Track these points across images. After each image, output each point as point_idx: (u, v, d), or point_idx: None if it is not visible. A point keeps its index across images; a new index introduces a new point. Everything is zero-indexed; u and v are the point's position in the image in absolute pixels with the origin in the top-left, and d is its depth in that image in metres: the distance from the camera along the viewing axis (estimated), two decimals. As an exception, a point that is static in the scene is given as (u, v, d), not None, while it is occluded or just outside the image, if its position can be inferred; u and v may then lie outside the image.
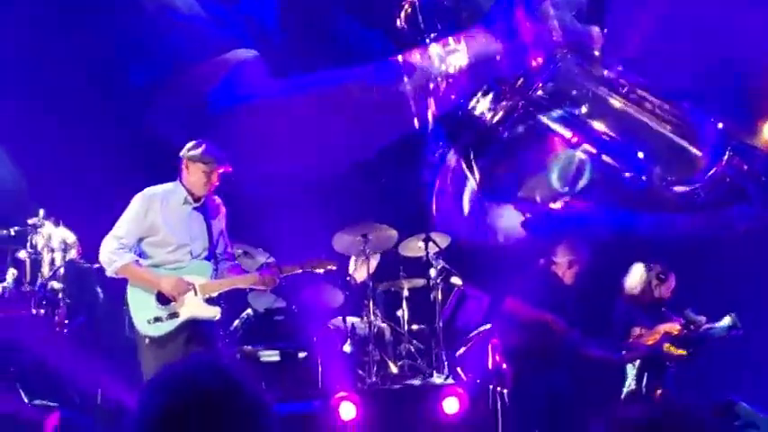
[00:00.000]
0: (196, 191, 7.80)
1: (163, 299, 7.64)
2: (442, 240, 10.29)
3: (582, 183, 11.81)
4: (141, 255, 7.75)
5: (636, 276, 9.48)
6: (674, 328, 9.20)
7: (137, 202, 7.77)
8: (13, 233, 10.31)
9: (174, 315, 7.62)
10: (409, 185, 12.38)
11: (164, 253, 7.74)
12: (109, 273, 7.76)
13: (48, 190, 11.17)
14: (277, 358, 9.59)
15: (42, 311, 10.05)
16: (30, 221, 10.29)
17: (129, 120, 12.27)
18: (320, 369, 9.62)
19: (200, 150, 7.80)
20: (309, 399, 9.06)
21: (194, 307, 7.66)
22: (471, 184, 12.15)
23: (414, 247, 10.35)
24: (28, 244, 10.19)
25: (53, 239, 10.27)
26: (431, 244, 10.14)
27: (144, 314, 7.64)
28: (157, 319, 7.61)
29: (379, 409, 8.80)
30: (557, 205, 11.60)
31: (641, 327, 9.22)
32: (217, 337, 8.20)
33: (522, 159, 12.10)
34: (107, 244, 7.71)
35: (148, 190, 7.84)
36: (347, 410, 8.59)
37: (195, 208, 7.86)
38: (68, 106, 11.67)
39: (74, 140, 11.26)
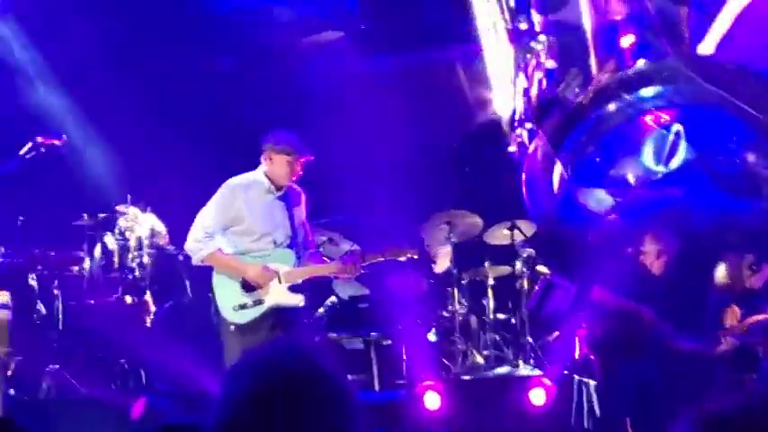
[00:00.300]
0: (279, 180, 7.85)
1: (248, 286, 7.71)
2: (528, 228, 10.20)
3: (676, 161, 11.60)
4: (227, 243, 7.81)
5: (728, 267, 9.32)
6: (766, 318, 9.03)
7: (222, 192, 7.84)
8: (101, 219, 10.42)
9: (259, 302, 7.68)
10: (494, 172, 12.29)
11: (248, 241, 7.80)
12: (195, 261, 7.87)
13: (136, 177, 11.29)
14: (361, 346, 9.58)
15: (129, 298, 10.16)
16: (118, 208, 10.40)
17: (216, 107, 12.36)
18: (404, 358, 9.61)
19: (283, 140, 7.85)
20: (394, 387, 9.04)
21: (279, 294, 7.71)
22: (559, 166, 12.01)
23: (499, 235, 10.28)
24: (116, 230, 10.30)
25: (141, 226, 10.37)
26: (516, 232, 10.05)
27: (230, 301, 7.73)
28: (243, 306, 7.69)
29: (464, 399, 8.75)
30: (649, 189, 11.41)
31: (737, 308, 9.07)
32: (301, 324, 8.21)
33: (612, 140, 11.94)
34: (193, 233, 7.81)
35: (232, 180, 7.90)
36: (432, 400, 8.55)
37: (278, 197, 7.90)
38: (155, 95, 11.78)
39: (162, 128, 11.36)
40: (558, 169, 11.94)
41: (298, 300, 7.83)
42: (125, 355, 9.92)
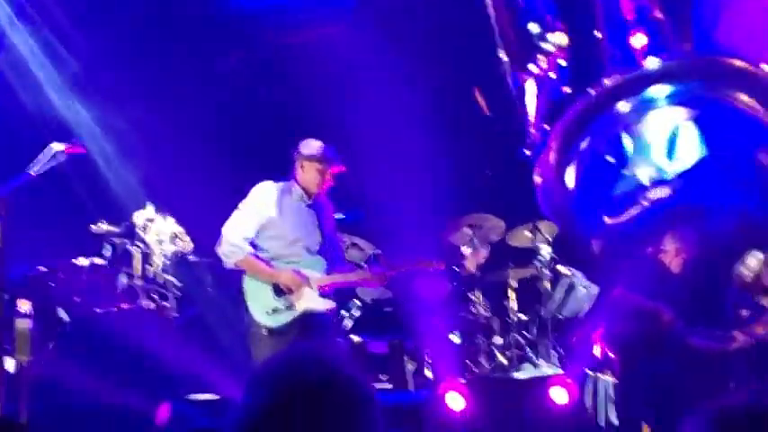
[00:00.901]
0: (310, 188, 7.95)
1: (279, 291, 7.80)
2: (550, 230, 10.18)
3: (688, 160, 11.59)
4: (257, 248, 7.89)
5: (748, 264, 9.28)
6: None
7: (254, 195, 7.94)
8: (123, 227, 10.46)
9: (290, 307, 7.77)
10: (515, 175, 12.26)
11: (279, 246, 7.88)
12: (228, 264, 7.95)
13: (156, 183, 11.32)
14: (385, 349, 9.59)
15: (153, 304, 10.19)
16: (138, 214, 10.43)
17: (231, 110, 12.39)
18: (428, 360, 9.62)
19: (315, 149, 7.95)
20: (417, 389, 9.05)
21: (310, 299, 7.80)
22: (573, 167, 12.01)
23: (521, 237, 10.28)
24: (137, 236, 10.33)
25: (162, 233, 10.40)
26: (539, 234, 10.05)
27: (261, 305, 7.82)
28: (275, 311, 7.78)
29: (487, 399, 8.75)
30: (665, 191, 11.39)
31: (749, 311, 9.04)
32: (330, 329, 8.32)
33: (624, 140, 11.94)
34: (226, 236, 7.88)
35: (265, 185, 8.00)
36: (455, 400, 8.56)
37: (309, 205, 8.00)
38: (170, 101, 11.81)
39: (181, 134, 11.39)
40: (571, 171, 11.94)
41: (328, 305, 7.95)
42: (149, 361, 9.95)
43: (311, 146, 7.99)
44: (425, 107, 11.55)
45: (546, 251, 10.07)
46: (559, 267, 10.22)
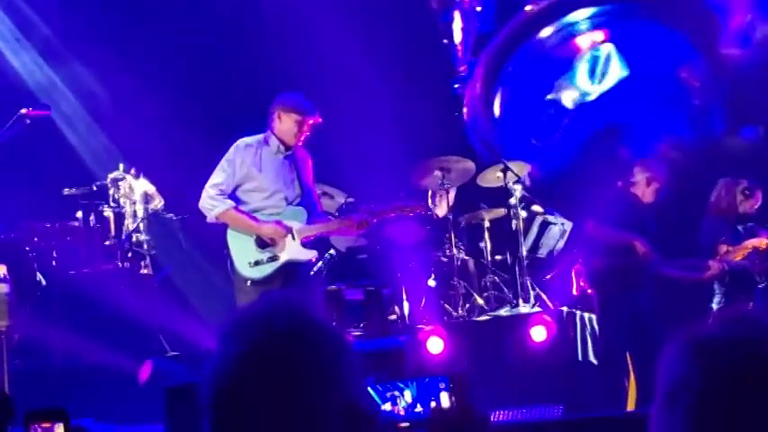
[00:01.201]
0: (287, 140, 7.99)
1: (262, 243, 7.88)
2: (520, 169, 10.19)
3: (609, 81, 11.77)
4: (238, 202, 7.95)
5: (721, 191, 9.33)
6: (761, 242, 9.06)
7: (232, 150, 8.00)
8: (95, 188, 10.43)
9: (273, 258, 7.86)
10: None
11: (260, 199, 7.97)
12: (210, 218, 7.99)
13: (127, 144, 11.28)
14: (361, 296, 9.61)
15: (128, 264, 10.19)
16: (110, 175, 10.40)
17: (204, 69, 12.32)
18: (405, 305, 9.65)
19: (293, 101, 8.02)
20: (396, 334, 9.09)
21: (293, 250, 7.88)
22: (499, 96, 12.18)
23: (492, 178, 10.27)
24: (110, 198, 10.31)
25: (134, 192, 10.37)
26: (509, 173, 10.06)
27: (245, 257, 7.88)
28: (258, 263, 7.85)
29: (467, 342, 8.79)
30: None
31: (727, 244, 9.10)
32: (313, 279, 8.57)
33: (547, 64, 12.07)
34: (207, 191, 7.93)
35: (242, 140, 8.05)
36: (435, 344, 8.59)
37: (286, 157, 8.05)
38: (142, 60, 11.75)
39: (151, 93, 11.35)
40: (497, 99, 12.11)
41: (311, 255, 8.09)
42: (127, 320, 9.96)
43: (289, 97, 8.07)
44: (380, 53, 11.55)
45: (518, 190, 10.07)
46: (533, 206, 10.25)
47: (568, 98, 12.20)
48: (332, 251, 10.18)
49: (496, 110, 12.33)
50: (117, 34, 11.88)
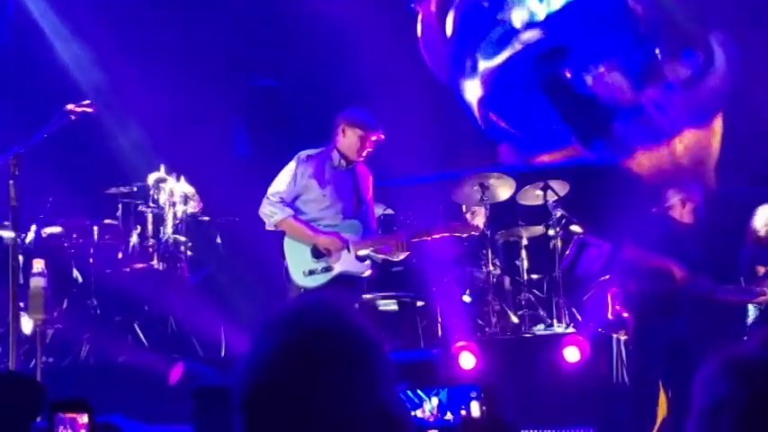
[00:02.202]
0: (349, 154, 8.10)
1: (318, 253, 7.98)
2: (561, 188, 10.15)
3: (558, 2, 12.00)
4: (296, 211, 8.07)
5: (761, 218, 9.26)
6: None
7: (294, 162, 8.11)
8: (136, 189, 10.48)
9: (328, 269, 7.96)
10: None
11: (317, 210, 8.07)
12: (269, 226, 8.10)
13: (169, 145, 11.33)
14: (395, 307, 9.60)
15: (165, 265, 10.23)
16: (152, 176, 10.45)
17: (245, 74, 12.38)
18: (439, 319, 9.62)
19: (359, 116, 8.14)
20: (428, 348, 9.06)
21: (347, 262, 7.99)
22: (451, 15, 12.32)
23: (531, 196, 10.23)
24: (150, 198, 10.35)
25: (175, 194, 10.41)
26: (549, 192, 10.02)
27: (300, 266, 7.99)
28: (312, 272, 7.95)
29: (499, 359, 8.75)
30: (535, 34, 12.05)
31: (766, 267, 9.04)
32: (363, 291, 8.64)
33: None
34: (267, 199, 8.07)
35: (304, 152, 8.18)
36: (467, 360, 8.56)
37: (346, 171, 8.16)
38: (184, 62, 11.80)
39: (192, 96, 11.39)
40: (450, 18, 12.21)
41: (364, 268, 8.16)
42: (162, 321, 10.00)
43: (354, 112, 8.20)
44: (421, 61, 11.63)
45: (557, 210, 10.02)
46: (571, 226, 10.19)
47: (517, 18, 12.38)
48: (368, 261, 10.16)
49: (449, 28, 12.54)
50: (164, 37, 11.96)
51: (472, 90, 10.75)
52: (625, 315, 9.28)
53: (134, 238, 10.25)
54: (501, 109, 12.51)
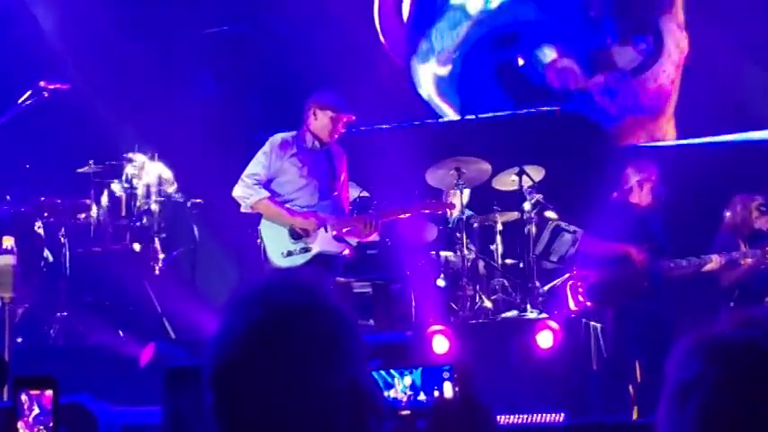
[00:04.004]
0: (322, 137, 8.26)
1: (295, 234, 8.10)
2: (537, 173, 10.14)
3: None
4: (272, 193, 8.20)
5: (736, 207, 9.30)
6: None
7: (268, 145, 8.27)
8: (109, 167, 10.40)
9: (306, 249, 8.11)
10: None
11: (293, 191, 8.22)
12: (244, 208, 8.23)
13: (143, 124, 11.26)
14: (369, 290, 9.58)
15: (137, 245, 10.16)
16: (125, 155, 10.37)
17: (222, 53, 12.33)
18: (413, 302, 9.61)
19: (328, 98, 8.29)
20: (402, 331, 9.04)
21: (325, 242, 8.14)
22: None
23: (507, 181, 10.23)
24: (123, 178, 10.27)
25: (148, 173, 10.34)
26: (525, 177, 10.01)
27: (277, 247, 8.13)
28: (290, 253, 8.10)
29: (473, 343, 8.73)
30: None
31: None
32: (340, 270, 8.69)
33: None
34: (243, 181, 8.18)
35: (278, 135, 8.34)
36: (440, 343, 8.54)
37: (320, 152, 8.29)
38: (161, 41, 11.74)
39: (168, 75, 11.33)
40: (406, 3, 12.34)
41: (341, 247, 8.30)
42: (133, 302, 9.94)
43: (324, 95, 8.35)
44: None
45: (533, 195, 10.02)
46: (546, 212, 10.18)
47: (472, 4, 12.51)
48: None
49: (405, 12, 12.66)
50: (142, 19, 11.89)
51: (425, 73, 10.82)
52: (588, 305, 9.30)
53: (106, 218, 10.16)
54: (452, 95, 12.57)
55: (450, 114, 12.56)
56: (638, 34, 12.15)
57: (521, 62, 12.24)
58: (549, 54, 12.09)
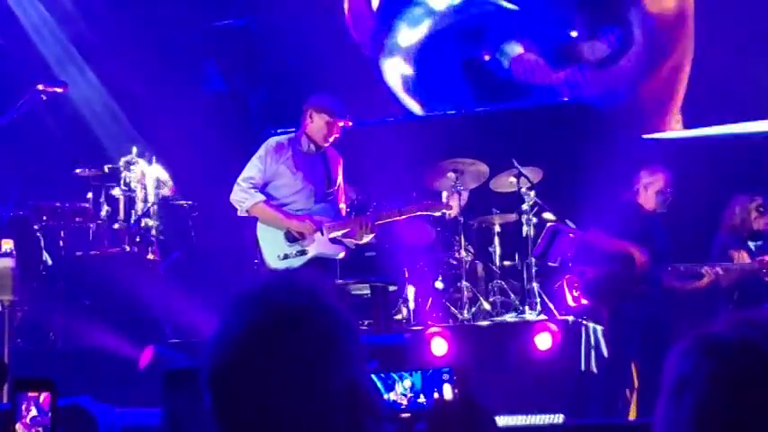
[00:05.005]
0: (317, 140, 8.25)
1: (291, 237, 8.11)
2: (534, 175, 10.14)
3: None
4: (268, 197, 8.20)
5: (735, 207, 9.30)
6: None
7: (263, 149, 8.28)
8: (107, 171, 10.41)
9: (302, 252, 8.10)
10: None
11: (289, 194, 8.22)
12: (240, 212, 8.23)
13: (141, 128, 11.27)
14: (367, 292, 9.58)
15: (136, 248, 10.16)
16: (123, 158, 10.38)
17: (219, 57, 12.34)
18: (412, 305, 9.61)
19: (325, 102, 8.28)
20: (400, 333, 9.05)
21: (321, 245, 8.12)
22: None
23: (505, 183, 10.23)
24: (121, 181, 10.28)
25: (147, 177, 10.35)
26: (522, 179, 10.01)
27: (274, 251, 8.13)
28: (287, 256, 8.09)
29: (471, 345, 8.74)
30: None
31: (740, 252, 9.08)
32: (337, 273, 8.76)
33: None
34: (239, 185, 8.19)
35: (273, 139, 8.38)
36: (439, 345, 8.55)
37: (316, 155, 8.29)
38: (159, 44, 11.74)
39: (166, 78, 11.33)
40: None
41: (338, 250, 8.27)
42: (131, 305, 9.93)
43: (322, 98, 8.33)
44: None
45: (530, 197, 10.02)
46: (544, 214, 10.19)
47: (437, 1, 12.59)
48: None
49: (374, 2, 12.71)
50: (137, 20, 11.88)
51: (391, 68, 10.83)
52: (584, 302, 9.31)
53: (104, 221, 10.17)
54: (420, 89, 12.59)
55: (417, 111, 12.55)
56: (607, 25, 12.12)
57: (486, 57, 12.23)
58: (514, 48, 12.09)
